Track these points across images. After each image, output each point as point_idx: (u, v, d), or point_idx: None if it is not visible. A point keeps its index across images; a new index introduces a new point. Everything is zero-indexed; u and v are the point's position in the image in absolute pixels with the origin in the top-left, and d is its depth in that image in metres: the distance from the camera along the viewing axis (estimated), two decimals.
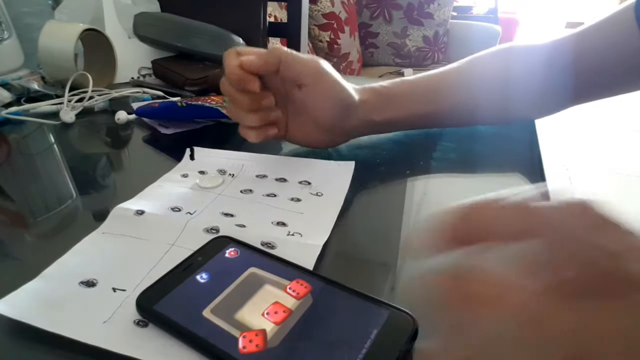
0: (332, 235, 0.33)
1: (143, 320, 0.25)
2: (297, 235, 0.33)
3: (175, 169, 0.43)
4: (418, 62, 2.18)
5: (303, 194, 0.39)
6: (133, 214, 0.35)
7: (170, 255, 0.30)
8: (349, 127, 0.44)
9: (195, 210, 0.36)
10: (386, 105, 0.45)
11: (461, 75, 0.48)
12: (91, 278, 0.28)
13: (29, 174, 0.46)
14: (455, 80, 0.48)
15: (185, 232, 0.33)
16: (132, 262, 0.30)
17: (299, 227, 0.34)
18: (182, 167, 0.44)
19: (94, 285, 0.28)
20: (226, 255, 0.29)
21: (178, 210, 0.36)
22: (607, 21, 0.43)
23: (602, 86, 0.45)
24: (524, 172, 0.46)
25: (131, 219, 0.34)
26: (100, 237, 0.32)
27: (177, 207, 0.36)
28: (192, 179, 0.41)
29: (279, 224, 0.34)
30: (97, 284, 0.28)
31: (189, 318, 0.24)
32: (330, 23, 1.85)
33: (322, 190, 0.39)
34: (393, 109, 0.46)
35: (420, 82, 0.47)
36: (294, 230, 0.34)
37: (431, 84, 0.47)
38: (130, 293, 0.27)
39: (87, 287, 0.27)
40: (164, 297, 0.25)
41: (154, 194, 0.38)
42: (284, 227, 0.34)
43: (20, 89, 0.64)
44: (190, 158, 0.45)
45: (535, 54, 0.47)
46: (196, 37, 0.72)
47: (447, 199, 0.41)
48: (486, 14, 2.67)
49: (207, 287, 0.26)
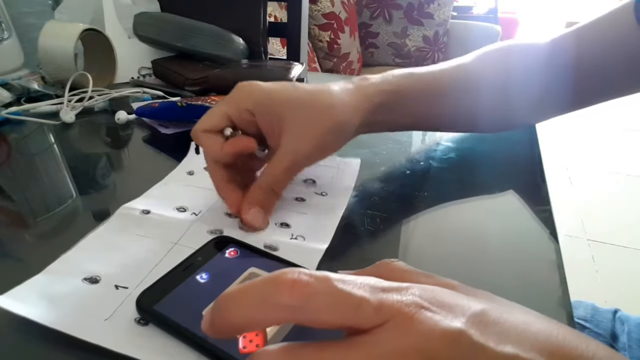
0: (333, 236, 0.33)
1: (138, 311, 0.25)
2: (300, 238, 0.33)
3: (180, 165, 0.44)
4: (418, 62, 2.18)
5: (307, 193, 0.39)
6: (139, 213, 0.35)
7: (173, 254, 0.31)
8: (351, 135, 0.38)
9: (200, 211, 0.36)
10: (398, 107, 0.41)
11: (461, 78, 0.45)
12: (95, 275, 0.28)
13: (29, 174, 0.46)
14: (456, 84, 0.45)
15: (189, 232, 0.33)
16: (135, 260, 0.30)
17: (302, 229, 0.34)
18: (187, 162, 0.44)
19: (97, 282, 0.28)
20: (226, 255, 0.29)
21: (184, 211, 0.36)
22: (606, 20, 0.42)
23: (603, 87, 0.44)
24: (524, 172, 0.46)
25: (137, 218, 0.34)
26: (105, 233, 0.33)
27: (183, 207, 0.36)
28: (198, 177, 0.41)
29: (283, 225, 0.34)
30: (100, 280, 0.28)
31: (189, 318, 0.24)
32: (330, 23, 1.85)
33: (326, 190, 0.40)
34: (405, 110, 0.41)
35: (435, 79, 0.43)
36: (297, 233, 0.34)
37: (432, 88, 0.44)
38: (132, 291, 0.27)
39: (91, 283, 0.27)
40: (164, 297, 0.25)
41: (160, 194, 0.39)
42: (287, 228, 0.34)
43: (20, 89, 0.64)
44: (196, 152, 0.46)
45: (535, 56, 0.45)
46: (196, 37, 0.72)
47: (447, 199, 0.41)
48: (486, 14, 2.67)
49: (207, 287, 0.26)
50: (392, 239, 0.34)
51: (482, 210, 0.39)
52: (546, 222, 0.37)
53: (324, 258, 0.31)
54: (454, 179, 0.45)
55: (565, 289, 0.29)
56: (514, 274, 0.31)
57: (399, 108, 0.41)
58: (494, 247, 0.34)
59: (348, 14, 1.93)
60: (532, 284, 0.30)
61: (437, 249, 0.34)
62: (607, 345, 0.56)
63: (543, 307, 0.28)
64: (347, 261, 0.32)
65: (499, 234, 0.36)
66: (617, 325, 0.55)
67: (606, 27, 0.42)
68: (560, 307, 0.27)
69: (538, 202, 0.39)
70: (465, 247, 0.34)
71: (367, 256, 0.33)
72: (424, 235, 0.36)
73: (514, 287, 0.30)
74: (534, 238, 0.35)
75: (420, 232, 0.36)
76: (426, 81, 0.43)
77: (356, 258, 0.33)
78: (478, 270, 0.31)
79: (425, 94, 0.43)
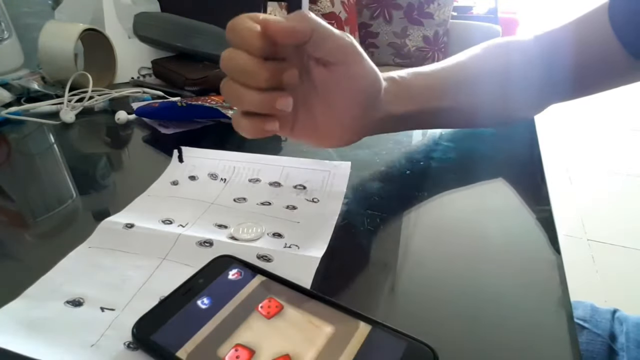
0: (331, 239, 0.33)
1: (134, 342, 0.23)
2: (294, 247, 0.32)
3: (164, 175, 0.41)
4: (418, 62, 2.18)
5: (298, 200, 0.38)
6: (122, 228, 0.33)
7: (161, 270, 0.29)
8: (370, 121, 0.38)
9: (187, 222, 0.34)
10: (406, 96, 0.40)
11: (461, 73, 0.47)
12: (78, 296, 0.26)
13: (29, 174, 0.46)
14: (457, 78, 0.46)
15: (177, 245, 0.31)
16: (122, 279, 0.28)
17: (296, 239, 0.33)
18: (170, 172, 0.42)
19: (81, 304, 0.26)
20: (229, 277, 0.27)
21: (169, 223, 0.34)
22: (582, 21, 0.43)
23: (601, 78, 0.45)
24: (524, 172, 0.46)
25: (120, 233, 0.32)
26: (87, 251, 0.30)
27: (169, 219, 0.34)
28: (183, 187, 0.39)
29: (275, 235, 0.33)
30: (84, 302, 0.26)
31: (190, 349, 0.22)
32: (330, 23, 1.82)
33: (318, 196, 0.38)
34: (411, 101, 0.41)
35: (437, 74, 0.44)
36: (291, 242, 0.32)
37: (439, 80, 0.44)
38: (119, 313, 0.25)
39: (74, 306, 0.26)
40: (162, 325, 0.23)
41: (144, 206, 0.37)
42: (280, 238, 0.33)
43: (20, 89, 0.64)
44: (179, 160, 0.44)
45: (533, 48, 0.46)
46: (196, 37, 0.72)
47: (447, 199, 0.41)
48: (486, 14, 2.67)
49: (209, 313, 0.24)
50: (392, 239, 0.34)
51: (482, 210, 0.39)
52: (546, 222, 0.37)
53: (323, 257, 0.31)
54: (454, 179, 0.45)
55: (565, 289, 0.29)
56: (513, 274, 0.31)
57: (402, 97, 0.40)
58: (494, 247, 0.34)
59: (348, 14, 1.93)
60: (532, 284, 0.30)
61: (437, 249, 0.34)
62: (605, 345, 0.57)
63: (543, 307, 0.28)
64: (347, 261, 0.32)
65: (499, 234, 0.36)
66: (616, 325, 0.55)
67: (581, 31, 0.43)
68: (560, 307, 0.27)
69: (538, 202, 0.39)
70: (465, 247, 0.34)
71: (367, 256, 0.33)
72: (424, 235, 0.35)
73: (514, 287, 0.30)
74: (534, 238, 0.35)
75: (420, 232, 0.36)
76: (426, 74, 0.43)
77: (356, 258, 0.33)
78: (478, 270, 0.31)
79: (425, 89, 0.42)
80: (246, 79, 0.30)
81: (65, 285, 0.27)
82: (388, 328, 0.23)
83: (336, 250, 0.32)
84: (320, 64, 0.33)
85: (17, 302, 0.26)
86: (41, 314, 0.25)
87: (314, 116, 0.35)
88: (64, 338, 0.23)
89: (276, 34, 0.29)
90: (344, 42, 0.32)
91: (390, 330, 0.23)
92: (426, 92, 0.42)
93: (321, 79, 0.34)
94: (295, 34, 0.30)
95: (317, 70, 0.33)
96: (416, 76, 0.42)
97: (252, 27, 0.29)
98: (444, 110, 0.44)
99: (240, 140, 0.42)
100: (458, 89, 0.45)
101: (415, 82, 0.41)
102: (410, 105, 0.40)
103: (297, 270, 0.29)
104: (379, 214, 0.37)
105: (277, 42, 0.29)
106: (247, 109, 0.31)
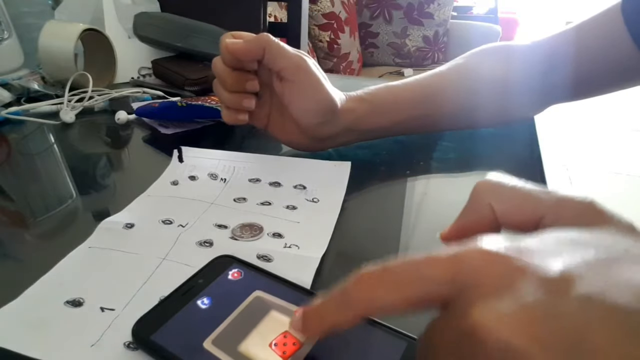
0: (331, 240, 0.33)
1: (134, 342, 0.23)
2: (294, 247, 0.32)
3: (164, 175, 0.41)
4: (418, 62, 2.18)
5: (298, 200, 0.38)
6: (122, 228, 0.33)
7: (161, 270, 0.29)
8: (328, 134, 0.42)
9: (187, 222, 0.34)
10: (371, 113, 0.43)
11: (459, 78, 0.47)
12: (77, 297, 0.26)
13: (29, 174, 0.46)
14: (453, 85, 0.46)
15: (177, 245, 0.31)
16: (121, 279, 0.28)
17: (296, 239, 0.33)
18: (170, 172, 0.42)
19: (81, 304, 0.26)
20: (229, 277, 0.27)
21: (169, 223, 0.34)
22: (585, 26, 0.43)
23: (601, 81, 0.45)
24: (524, 172, 0.46)
25: (120, 233, 0.32)
26: (87, 251, 0.30)
27: (169, 219, 0.34)
28: (183, 187, 0.39)
29: (275, 235, 0.33)
30: (84, 303, 0.26)
31: (189, 350, 0.22)
32: (330, 23, 1.85)
33: (318, 196, 0.38)
34: (379, 116, 0.44)
35: (411, 87, 0.45)
36: (291, 242, 0.32)
37: (424, 89, 0.45)
38: (119, 312, 0.25)
39: (73, 307, 0.25)
40: (161, 325, 0.23)
41: (144, 206, 0.37)
42: (280, 238, 0.33)
43: (20, 89, 0.64)
44: (179, 160, 0.44)
45: (533, 52, 0.46)
46: (196, 37, 0.72)
47: (447, 199, 0.41)
48: (486, 14, 2.67)
49: (209, 313, 0.24)
50: (392, 239, 0.34)
51: None
52: None
53: (323, 257, 0.31)
54: (454, 179, 0.45)
55: None
56: None
57: (384, 108, 0.44)
58: None
59: (348, 14, 1.93)
60: None
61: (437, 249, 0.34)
62: None
63: None
64: (347, 261, 0.32)
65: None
66: None
67: (596, 34, 0.43)
68: None
69: None
70: None
71: (367, 256, 0.33)
72: (424, 235, 0.36)
73: None
74: None
75: (420, 232, 0.36)
76: (415, 81, 0.46)
77: (356, 258, 0.33)
78: None
79: (421, 95, 0.45)
80: (221, 82, 0.40)
81: (65, 285, 0.27)
82: (388, 328, 0.23)
83: (336, 250, 0.32)
84: (278, 78, 0.40)
85: (17, 302, 0.26)
86: (41, 314, 0.25)
87: (283, 119, 0.42)
88: (64, 338, 0.23)
89: (234, 52, 0.37)
90: (295, 62, 0.38)
91: (390, 330, 0.23)
92: (400, 105, 0.44)
93: (279, 90, 0.40)
94: (249, 52, 0.38)
95: (276, 83, 0.40)
96: (386, 91, 0.45)
97: (225, 44, 0.38)
98: (432, 117, 0.46)
99: (241, 140, 0.42)
100: (452, 95, 0.45)
101: (384, 97, 0.44)
102: (379, 120, 0.44)
103: (297, 270, 0.29)
104: (379, 214, 0.37)
105: (239, 58, 0.38)
106: (224, 104, 0.41)
